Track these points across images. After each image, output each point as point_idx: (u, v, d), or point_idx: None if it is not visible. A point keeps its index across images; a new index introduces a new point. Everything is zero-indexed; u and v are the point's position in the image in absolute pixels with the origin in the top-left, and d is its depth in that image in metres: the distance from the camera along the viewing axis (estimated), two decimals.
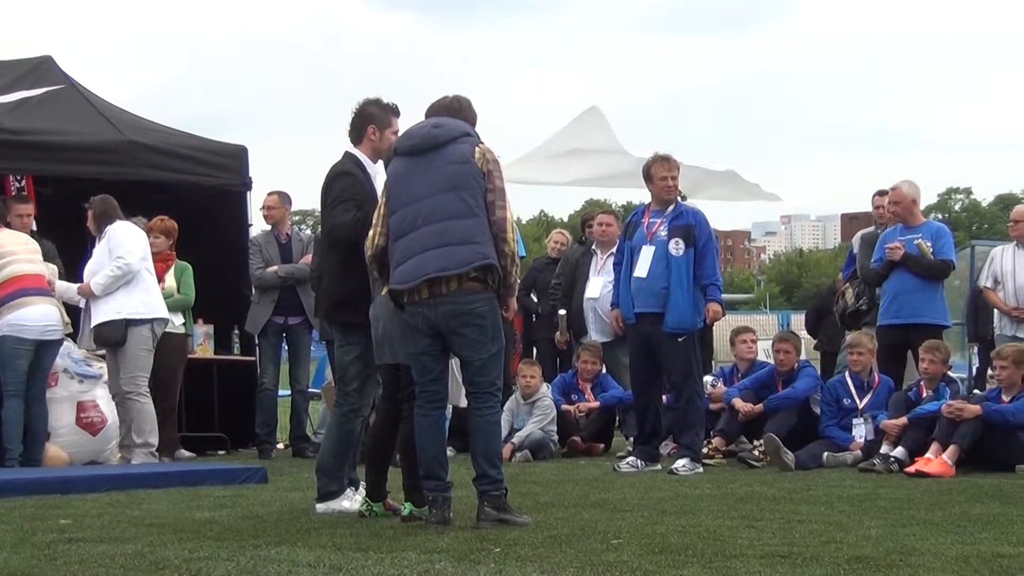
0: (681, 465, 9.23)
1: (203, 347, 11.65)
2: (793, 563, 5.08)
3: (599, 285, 11.56)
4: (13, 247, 9.58)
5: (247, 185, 12.03)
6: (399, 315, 6.46)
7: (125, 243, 9.82)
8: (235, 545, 5.74)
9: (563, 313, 12.06)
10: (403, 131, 6.76)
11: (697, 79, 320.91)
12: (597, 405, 11.22)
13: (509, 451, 10.16)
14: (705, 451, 9.78)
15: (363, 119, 7.02)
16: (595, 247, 11.98)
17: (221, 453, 11.60)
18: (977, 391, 10.21)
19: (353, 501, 6.95)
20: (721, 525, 6.28)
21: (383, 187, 6.63)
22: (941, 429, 9.02)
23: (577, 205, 74.72)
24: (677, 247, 9.33)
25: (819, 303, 14.02)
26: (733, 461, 9.88)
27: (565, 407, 11.14)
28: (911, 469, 8.83)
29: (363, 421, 7.07)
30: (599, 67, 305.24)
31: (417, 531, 6.20)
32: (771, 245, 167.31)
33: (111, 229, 9.85)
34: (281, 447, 11.83)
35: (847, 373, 10.18)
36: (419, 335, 6.38)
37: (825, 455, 9.58)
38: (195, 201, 11.77)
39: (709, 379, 10.89)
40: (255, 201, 12.01)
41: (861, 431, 9.79)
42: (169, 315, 10.21)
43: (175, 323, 10.64)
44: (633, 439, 10.22)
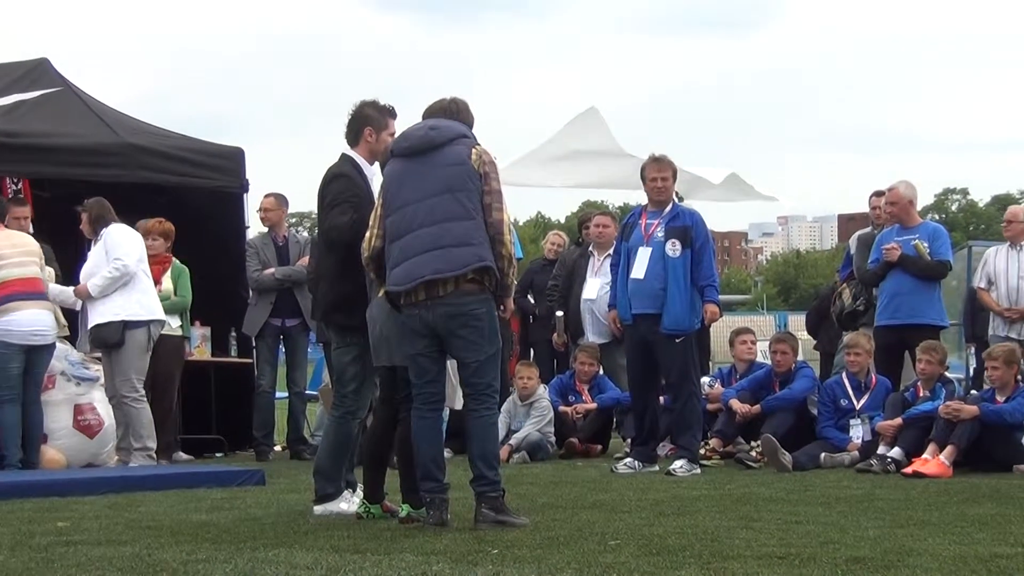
0: (678, 466, 9.24)
1: (200, 349, 11.64)
2: (790, 564, 5.08)
3: (596, 286, 11.54)
4: (3, 250, 9.47)
5: (244, 187, 12.03)
6: (396, 317, 6.46)
7: (122, 245, 9.81)
8: (233, 547, 5.74)
9: (560, 315, 12.05)
10: (400, 133, 6.76)
11: (695, 80, 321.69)
12: (594, 406, 11.22)
13: (506, 453, 10.16)
14: (702, 452, 9.78)
15: (360, 121, 7.01)
16: (592, 248, 11.97)
17: (218, 455, 11.59)
18: (974, 391, 10.21)
19: (351, 503, 6.95)
20: (718, 526, 6.28)
21: (380, 189, 6.63)
22: (938, 430, 9.03)
23: (574, 206, 74.69)
24: (674, 248, 9.33)
25: (820, 304, 13.98)
26: (730, 462, 9.89)
27: (562, 408, 11.14)
28: (908, 470, 8.84)
29: (360, 423, 7.07)
30: (598, 68, 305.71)
31: (415, 533, 6.20)
32: (768, 246, 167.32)
33: (107, 231, 9.84)
34: (278, 449, 11.83)
35: (844, 374, 10.18)
36: (416, 337, 6.38)
37: (822, 456, 9.58)
38: (192, 203, 11.78)
39: (706, 380, 10.89)
40: (252, 203, 12.05)
41: (858, 432, 9.78)
42: (166, 317, 10.21)
43: (172, 325, 10.63)
44: (630, 440, 10.21)
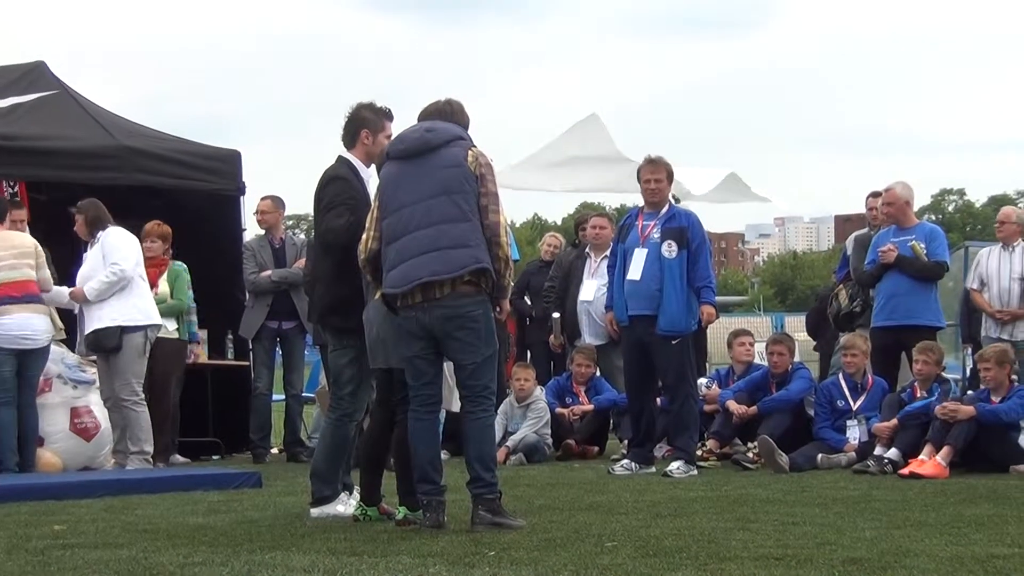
0: (675, 467, 9.24)
1: (197, 351, 11.63)
2: (787, 565, 5.09)
3: (593, 288, 11.54)
4: None
5: (240, 190, 12.03)
6: (392, 319, 6.46)
7: (120, 249, 9.79)
8: (229, 550, 5.73)
9: (557, 316, 12.05)
10: (396, 135, 6.76)
11: (695, 81, 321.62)
12: (591, 408, 11.22)
13: (503, 454, 10.15)
14: (699, 453, 9.78)
15: (356, 123, 7.01)
16: (589, 250, 11.96)
17: (215, 458, 11.58)
18: (970, 392, 10.22)
19: (347, 505, 6.94)
20: (715, 527, 6.29)
21: (376, 191, 6.63)
22: (935, 430, 9.03)
23: (570, 208, 74.64)
24: (670, 249, 9.33)
25: (821, 305, 13.97)
26: (727, 463, 9.88)
27: (559, 410, 11.14)
28: (905, 471, 8.84)
29: (357, 425, 7.07)
30: (598, 69, 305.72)
31: (411, 535, 6.20)
32: (765, 247, 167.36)
33: (104, 234, 9.83)
34: (275, 452, 11.82)
35: (841, 375, 10.18)
36: (412, 339, 6.38)
37: (819, 457, 9.58)
38: (189, 206, 11.78)
39: (703, 381, 10.90)
40: (248, 206, 12.04)
41: (855, 433, 9.79)
42: (163, 321, 10.20)
43: (168, 328, 10.62)
44: (627, 442, 10.21)
